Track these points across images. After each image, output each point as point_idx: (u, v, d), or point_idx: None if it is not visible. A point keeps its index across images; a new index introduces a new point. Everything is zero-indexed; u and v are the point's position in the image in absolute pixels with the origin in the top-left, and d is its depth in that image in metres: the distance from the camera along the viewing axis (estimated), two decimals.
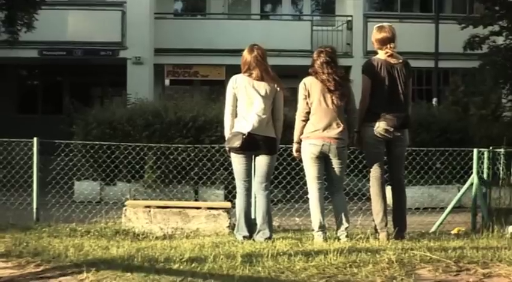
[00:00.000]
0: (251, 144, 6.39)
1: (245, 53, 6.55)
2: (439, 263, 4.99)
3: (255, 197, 6.74)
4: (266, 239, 6.32)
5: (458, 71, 21.39)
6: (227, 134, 6.58)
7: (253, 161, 6.57)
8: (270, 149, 6.53)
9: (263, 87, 6.46)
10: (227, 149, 6.61)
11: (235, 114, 6.52)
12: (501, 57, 18.44)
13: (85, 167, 12.34)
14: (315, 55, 6.56)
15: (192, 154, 11.24)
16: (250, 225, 6.59)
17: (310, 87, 6.41)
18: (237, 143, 6.38)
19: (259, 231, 6.47)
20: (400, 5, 23.55)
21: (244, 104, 6.46)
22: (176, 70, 22.19)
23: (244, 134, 6.36)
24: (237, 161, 6.56)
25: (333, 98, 6.37)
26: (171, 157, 11.34)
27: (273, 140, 6.54)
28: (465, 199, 8.71)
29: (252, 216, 6.83)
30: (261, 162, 6.53)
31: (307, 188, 6.56)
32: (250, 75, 6.48)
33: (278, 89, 6.54)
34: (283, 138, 6.82)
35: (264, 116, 6.42)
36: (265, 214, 6.49)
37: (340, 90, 6.39)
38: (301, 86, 6.48)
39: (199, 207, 7.64)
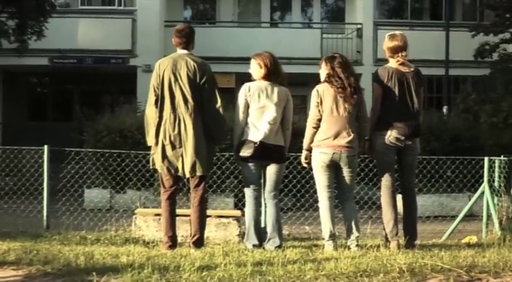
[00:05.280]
0: (262, 153, 6.37)
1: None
2: (450, 272, 4.96)
3: (265, 206, 6.73)
4: (276, 247, 6.30)
5: (469, 79, 21.32)
6: (236, 142, 6.58)
7: (262, 169, 6.57)
8: (280, 157, 6.53)
9: (276, 95, 6.46)
10: (237, 157, 6.60)
11: (245, 123, 6.53)
12: None
13: (95, 174, 12.40)
14: (325, 62, 6.54)
15: None
16: (260, 233, 6.56)
17: (322, 95, 6.38)
18: (248, 152, 6.37)
19: (269, 240, 6.45)
20: (410, 13, 23.56)
21: (256, 112, 6.45)
22: None
23: (255, 143, 6.36)
24: (247, 170, 6.54)
25: (346, 105, 6.33)
26: None
27: (282, 149, 6.54)
28: (476, 207, 8.65)
29: (262, 225, 6.82)
30: (271, 170, 6.52)
31: (317, 196, 6.53)
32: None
33: (289, 98, 6.55)
34: (294, 146, 6.80)
35: (274, 125, 6.42)
36: (274, 223, 6.48)
37: (353, 98, 6.37)
38: (313, 92, 6.45)
39: (209, 216, 7.57)
